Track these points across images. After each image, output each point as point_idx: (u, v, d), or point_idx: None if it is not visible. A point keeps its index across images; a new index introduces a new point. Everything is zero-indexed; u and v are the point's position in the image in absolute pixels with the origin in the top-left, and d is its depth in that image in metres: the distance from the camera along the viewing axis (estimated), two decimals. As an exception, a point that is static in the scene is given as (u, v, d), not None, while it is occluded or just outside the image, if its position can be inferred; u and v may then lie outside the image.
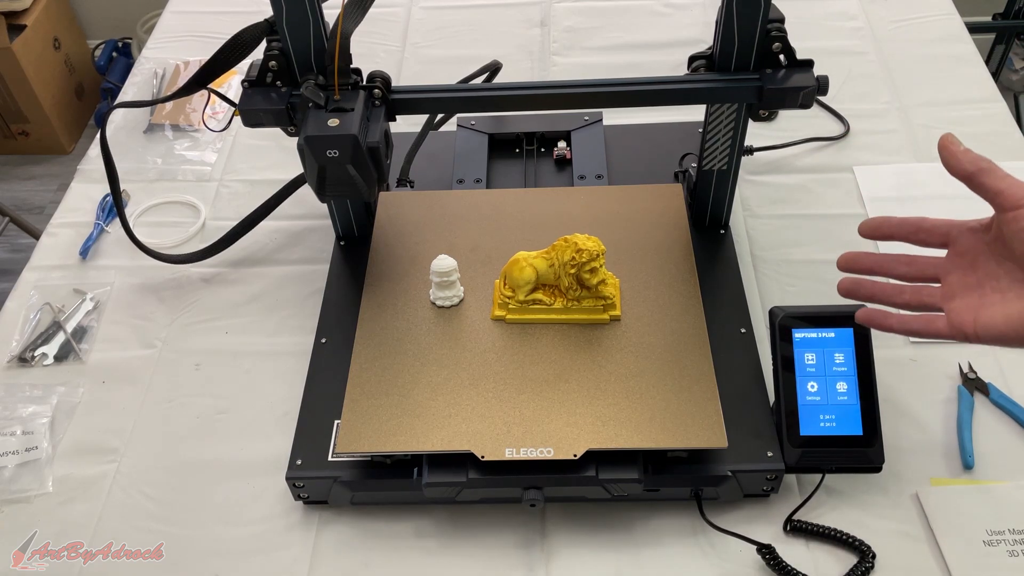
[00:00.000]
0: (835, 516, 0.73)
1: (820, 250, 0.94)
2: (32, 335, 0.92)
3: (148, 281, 0.97)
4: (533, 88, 0.76)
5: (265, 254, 0.99)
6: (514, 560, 0.73)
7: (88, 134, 2.42)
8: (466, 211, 0.89)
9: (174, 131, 1.15)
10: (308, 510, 0.77)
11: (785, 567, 0.69)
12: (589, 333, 0.77)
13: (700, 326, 0.77)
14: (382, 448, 0.71)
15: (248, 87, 0.75)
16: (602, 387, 0.73)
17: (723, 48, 0.73)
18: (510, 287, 0.79)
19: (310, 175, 0.72)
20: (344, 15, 0.70)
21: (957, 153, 0.57)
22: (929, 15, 1.24)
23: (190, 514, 0.77)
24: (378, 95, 0.74)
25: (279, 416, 0.83)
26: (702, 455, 0.72)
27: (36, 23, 2.20)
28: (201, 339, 0.91)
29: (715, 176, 0.87)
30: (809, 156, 1.06)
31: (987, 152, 0.58)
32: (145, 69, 1.25)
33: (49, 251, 1.01)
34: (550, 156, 1.02)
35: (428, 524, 0.75)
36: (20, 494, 0.79)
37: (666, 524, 0.74)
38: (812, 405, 0.72)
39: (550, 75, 1.20)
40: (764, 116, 0.76)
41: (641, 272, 0.82)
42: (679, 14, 1.28)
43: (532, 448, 0.69)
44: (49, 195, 2.25)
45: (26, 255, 1.03)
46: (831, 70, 0.75)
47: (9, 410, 0.84)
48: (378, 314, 0.80)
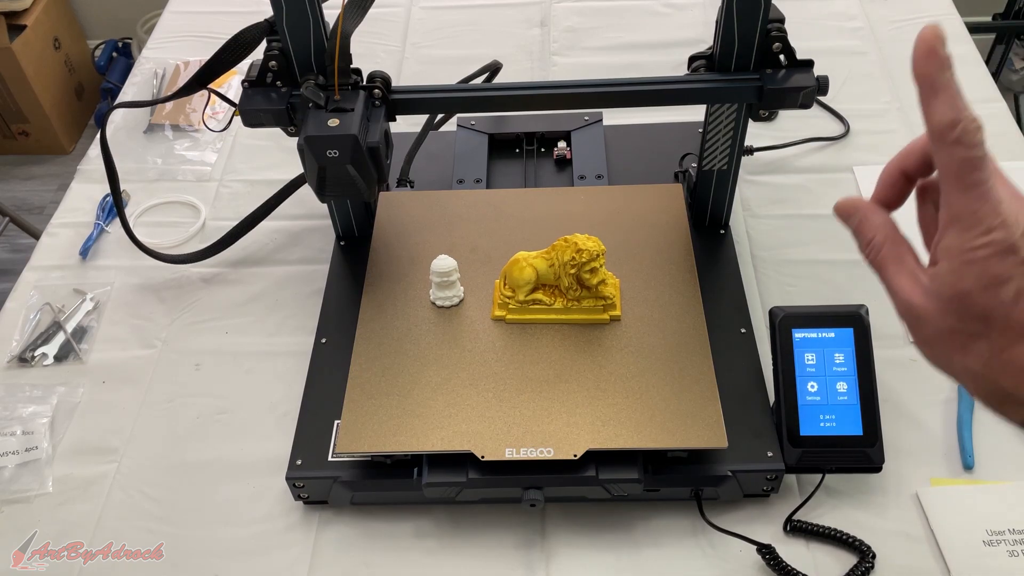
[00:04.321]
0: (835, 516, 0.73)
1: (820, 250, 0.94)
2: (32, 335, 0.92)
3: (148, 281, 0.97)
4: (533, 88, 0.76)
5: (265, 254, 0.99)
6: (514, 560, 0.73)
7: (88, 134, 2.42)
8: (466, 211, 0.89)
9: (174, 131, 1.15)
10: (308, 510, 0.77)
11: (785, 567, 0.69)
12: (589, 333, 0.77)
13: (700, 326, 0.77)
14: (382, 448, 0.71)
15: (248, 87, 0.75)
16: (602, 387, 0.73)
17: (723, 48, 0.73)
18: (510, 287, 0.79)
19: (310, 175, 0.72)
20: (344, 15, 0.70)
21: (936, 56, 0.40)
22: (929, 15, 1.24)
23: (190, 514, 0.77)
24: (378, 95, 0.74)
25: (279, 416, 0.83)
26: (702, 455, 0.72)
27: (36, 23, 2.20)
28: (201, 339, 0.91)
29: (715, 176, 0.87)
30: (809, 156, 1.06)
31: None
32: (145, 69, 1.25)
33: (49, 251, 1.01)
34: (550, 156, 1.02)
35: (428, 524, 0.75)
36: (20, 494, 0.79)
37: (666, 524, 0.74)
38: (812, 405, 0.72)
39: (550, 75, 1.20)
40: (764, 116, 0.76)
41: (641, 272, 0.82)
42: (679, 14, 1.28)
43: (532, 448, 0.69)
44: (49, 195, 2.25)
45: (26, 255, 1.03)
46: (831, 70, 0.75)
47: (9, 410, 0.84)
48: (378, 314, 0.80)
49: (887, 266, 0.44)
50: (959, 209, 0.39)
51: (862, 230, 0.45)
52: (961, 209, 0.39)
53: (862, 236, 0.45)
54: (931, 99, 0.39)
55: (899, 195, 0.46)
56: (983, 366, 0.40)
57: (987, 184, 0.38)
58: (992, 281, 0.39)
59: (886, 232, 0.44)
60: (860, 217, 0.45)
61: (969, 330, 0.40)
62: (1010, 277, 0.38)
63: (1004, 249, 0.38)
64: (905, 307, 0.43)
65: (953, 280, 0.40)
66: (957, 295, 0.40)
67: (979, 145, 0.38)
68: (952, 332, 0.41)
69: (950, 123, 0.38)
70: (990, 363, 0.40)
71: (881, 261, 0.44)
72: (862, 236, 0.45)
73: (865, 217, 0.45)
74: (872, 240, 0.45)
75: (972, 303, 0.39)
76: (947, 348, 0.42)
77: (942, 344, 0.42)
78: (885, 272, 0.44)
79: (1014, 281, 0.38)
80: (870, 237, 0.45)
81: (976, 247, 0.39)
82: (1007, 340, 0.39)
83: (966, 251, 0.39)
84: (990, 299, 0.39)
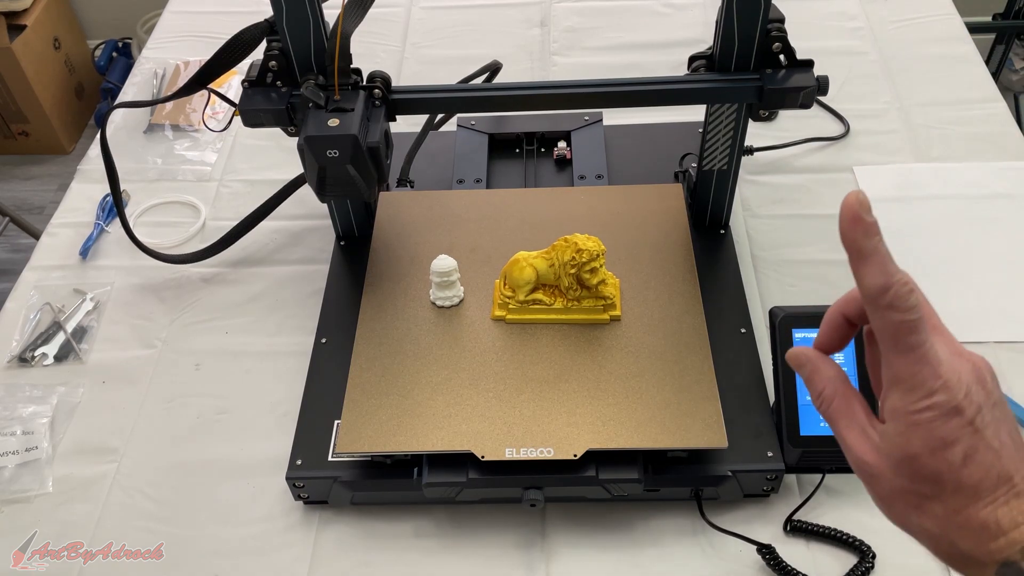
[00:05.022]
0: (835, 516, 0.73)
1: (820, 250, 0.94)
2: (32, 335, 0.92)
3: (148, 281, 0.97)
4: (533, 88, 0.76)
5: (265, 254, 0.98)
6: (514, 560, 0.73)
7: (88, 134, 2.42)
8: (466, 211, 0.89)
9: (174, 131, 1.15)
10: (308, 510, 0.77)
11: (785, 567, 0.69)
12: (589, 333, 0.77)
13: (700, 326, 0.77)
14: (382, 448, 0.71)
15: (248, 87, 0.75)
16: (602, 387, 0.73)
17: (723, 48, 0.73)
18: (510, 287, 0.79)
19: (310, 175, 0.72)
20: (344, 15, 0.70)
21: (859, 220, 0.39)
22: (929, 15, 1.24)
23: (190, 514, 0.77)
24: (378, 95, 0.74)
25: (279, 416, 0.83)
26: (702, 455, 0.72)
27: (36, 23, 2.20)
28: (201, 339, 0.91)
29: (715, 176, 0.87)
30: (809, 156, 1.06)
31: (987, 152, 0.57)
32: (145, 69, 1.25)
33: (49, 251, 1.01)
34: (550, 156, 1.02)
35: (428, 524, 0.75)
36: (20, 494, 0.79)
37: (666, 524, 0.74)
38: (812, 405, 0.72)
39: (550, 75, 1.20)
40: (764, 116, 0.76)
41: (641, 272, 0.82)
42: (679, 14, 1.28)
43: (532, 448, 0.69)
44: (49, 195, 2.25)
45: (26, 255, 1.03)
46: (831, 70, 0.75)
47: (9, 410, 0.84)
48: (378, 314, 0.80)
49: (838, 419, 0.44)
50: (899, 371, 0.39)
51: (813, 381, 0.45)
52: (901, 371, 0.39)
53: (812, 388, 0.45)
54: (860, 265, 0.39)
55: (842, 339, 0.46)
56: (939, 527, 0.40)
57: (925, 346, 0.38)
58: (939, 444, 0.38)
59: (835, 386, 0.44)
60: (811, 368, 0.45)
61: (922, 491, 0.40)
62: (956, 439, 0.38)
63: (948, 411, 0.38)
64: (858, 464, 0.42)
65: (901, 442, 0.39)
66: (906, 457, 0.39)
67: (913, 308, 0.38)
68: (906, 492, 0.40)
69: (881, 288, 0.38)
70: (945, 524, 0.39)
71: (832, 414, 0.44)
72: (812, 388, 0.45)
73: (816, 369, 0.45)
74: (822, 392, 0.44)
75: (921, 466, 0.39)
76: (903, 507, 0.41)
77: (898, 503, 0.41)
78: (836, 426, 0.44)
79: (960, 443, 0.38)
80: (820, 389, 0.45)
81: (920, 410, 0.38)
82: (960, 502, 0.39)
83: (910, 414, 0.39)
84: (938, 462, 0.38)
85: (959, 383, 0.38)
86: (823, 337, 0.46)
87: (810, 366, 0.46)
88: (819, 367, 0.45)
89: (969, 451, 0.38)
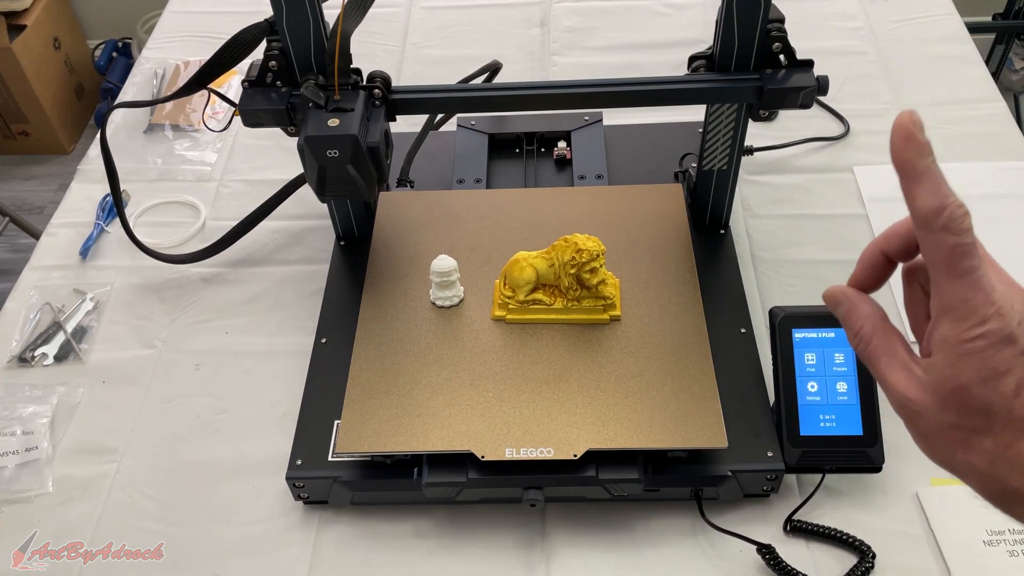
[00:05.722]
0: (835, 516, 0.73)
1: (820, 250, 0.94)
2: (32, 335, 0.92)
3: (148, 281, 0.97)
4: (533, 88, 0.76)
5: (265, 254, 0.99)
6: (514, 560, 0.73)
7: (88, 134, 2.42)
8: (466, 211, 0.89)
9: (174, 131, 1.15)
10: (308, 510, 0.77)
11: (785, 567, 0.69)
12: (589, 333, 0.77)
13: (700, 326, 0.77)
14: (382, 448, 0.71)
15: (248, 87, 0.75)
16: (602, 387, 0.73)
17: (723, 48, 0.73)
18: (510, 287, 0.79)
19: (310, 175, 0.72)
20: (344, 15, 0.70)
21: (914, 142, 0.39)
22: (929, 15, 1.24)
23: (190, 514, 0.77)
24: (378, 95, 0.74)
25: (279, 416, 0.83)
26: (702, 455, 0.72)
27: (36, 23, 2.20)
28: (201, 339, 0.91)
29: (715, 176, 0.87)
30: (809, 156, 1.06)
31: (987, 152, 0.57)
32: (145, 69, 1.25)
33: (49, 251, 1.01)
34: (550, 156, 1.02)
35: (428, 524, 0.75)
36: (20, 494, 0.79)
37: (666, 524, 0.74)
38: (812, 405, 0.72)
39: (550, 75, 1.20)
40: (764, 116, 0.76)
41: (641, 272, 0.82)
42: (679, 14, 1.28)
43: (532, 448, 0.69)
44: (49, 195, 2.25)
45: (26, 255, 1.03)
46: (831, 70, 0.75)
47: (9, 410, 0.84)
48: (378, 314, 0.80)
49: (878, 358, 0.42)
50: (951, 298, 0.37)
51: (850, 320, 0.43)
52: (953, 298, 0.37)
53: (850, 326, 0.43)
54: (913, 186, 0.37)
55: (879, 278, 0.44)
56: (988, 464, 0.38)
57: (979, 272, 0.37)
58: (991, 374, 0.37)
59: (874, 323, 0.42)
60: (848, 306, 0.43)
61: (970, 425, 0.38)
62: (1010, 369, 0.36)
63: (1001, 339, 0.36)
64: (900, 401, 0.40)
65: (950, 373, 0.38)
66: (955, 389, 0.38)
67: (968, 231, 0.36)
68: (952, 427, 0.38)
69: (935, 210, 0.36)
70: (995, 460, 0.38)
71: (871, 353, 0.42)
72: (850, 326, 0.43)
73: (853, 306, 0.43)
74: (860, 331, 0.42)
75: (971, 397, 0.37)
76: (948, 444, 0.39)
77: (942, 440, 0.39)
78: (876, 365, 0.42)
79: (1014, 373, 0.36)
80: (858, 328, 0.43)
81: (972, 338, 0.37)
82: (1011, 435, 0.37)
83: (962, 343, 0.37)
84: (990, 392, 0.37)
85: (1012, 311, 0.37)
86: (860, 275, 0.44)
87: (847, 304, 0.43)
88: (856, 304, 0.43)
89: (1022, 381, 0.36)
